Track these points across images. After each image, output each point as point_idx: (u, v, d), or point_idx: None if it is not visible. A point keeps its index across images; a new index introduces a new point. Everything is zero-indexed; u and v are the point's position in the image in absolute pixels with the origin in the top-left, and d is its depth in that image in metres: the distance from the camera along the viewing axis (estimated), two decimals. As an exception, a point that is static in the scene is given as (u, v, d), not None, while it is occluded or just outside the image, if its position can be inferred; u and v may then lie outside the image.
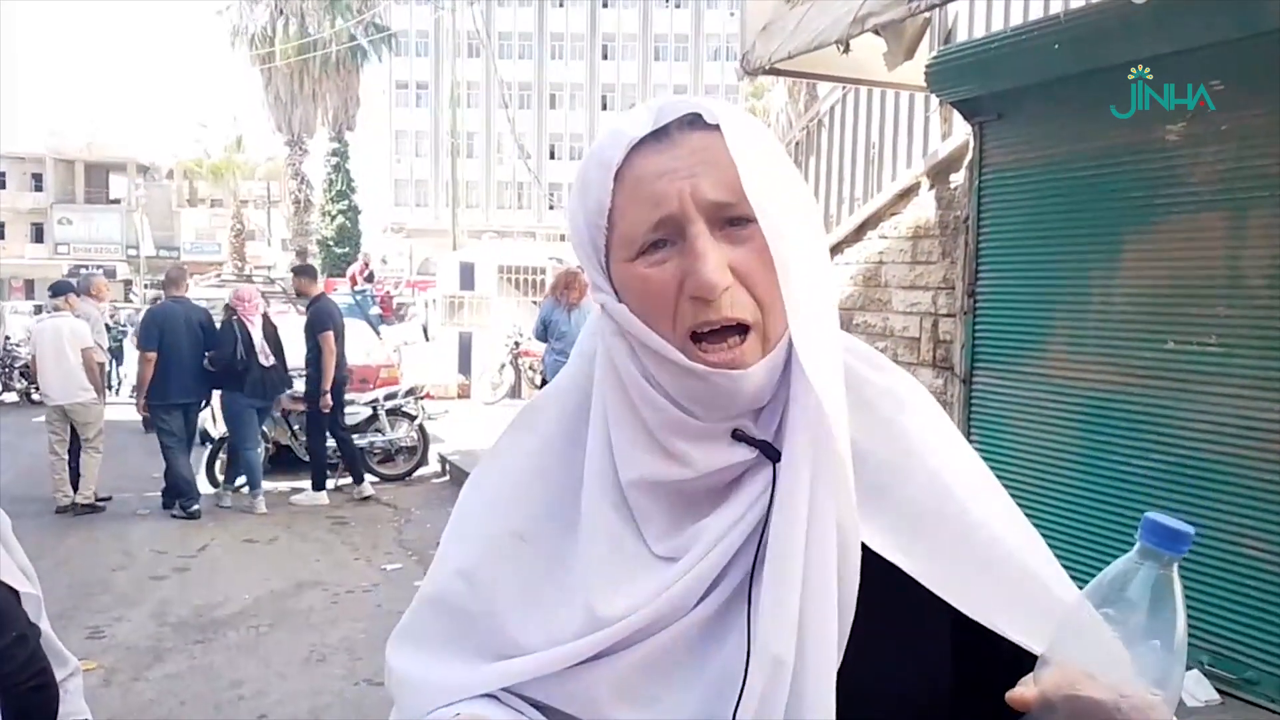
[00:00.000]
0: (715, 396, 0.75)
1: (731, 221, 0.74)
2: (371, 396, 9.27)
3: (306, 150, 31.41)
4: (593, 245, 0.79)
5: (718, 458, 0.76)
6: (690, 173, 0.74)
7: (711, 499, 0.77)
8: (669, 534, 0.78)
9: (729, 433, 0.76)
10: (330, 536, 7.33)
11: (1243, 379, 3.79)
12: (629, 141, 0.76)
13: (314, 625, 5.35)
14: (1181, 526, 0.64)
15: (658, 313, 0.75)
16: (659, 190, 0.74)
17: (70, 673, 1.53)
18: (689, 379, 0.74)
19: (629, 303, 0.77)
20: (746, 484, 0.77)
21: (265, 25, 29.36)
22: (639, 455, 0.78)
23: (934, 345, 5.69)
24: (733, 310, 0.73)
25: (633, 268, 0.76)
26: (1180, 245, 4.05)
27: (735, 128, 0.75)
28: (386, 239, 47.07)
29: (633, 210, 0.75)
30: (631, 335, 0.77)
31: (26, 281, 40.95)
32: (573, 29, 53.67)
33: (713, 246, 0.73)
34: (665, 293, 0.74)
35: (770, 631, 0.71)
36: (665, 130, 0.76)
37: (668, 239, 0.75)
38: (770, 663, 0.71)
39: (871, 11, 4.53)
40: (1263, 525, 3.72)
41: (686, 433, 0.76)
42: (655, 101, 0.79)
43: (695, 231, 0.73)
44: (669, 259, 0.75)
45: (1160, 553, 0.64)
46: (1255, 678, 3.74)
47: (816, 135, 7.37)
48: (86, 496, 7.89)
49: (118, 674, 4.63)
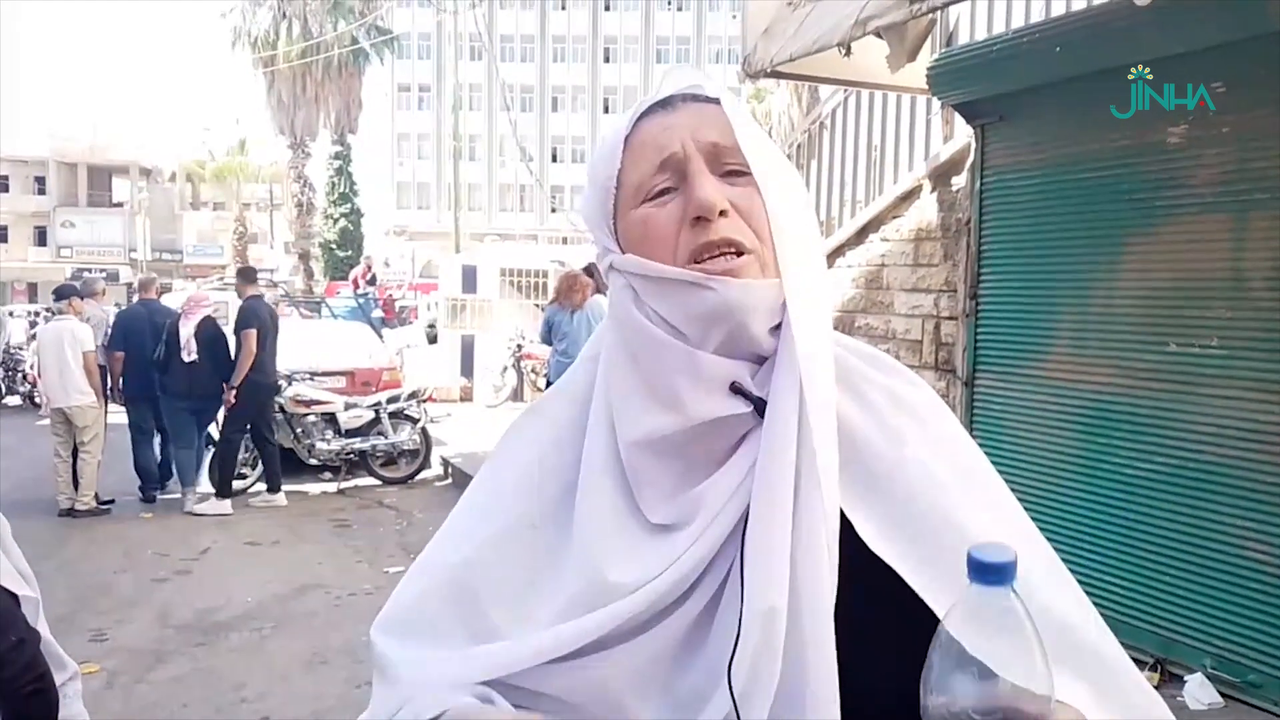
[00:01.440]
0: (714, 310, 0.75)
1: (729, 171, 0.79)
2: (374, 400, 9.28)
3: (309, 153, 31.38)
4: (603, 211, 0.84)
5: (714, 406, 0.76)
6: (690, 125, 0.81)
7: (709, 464, 0.78)
8: (666, 500, 0.78)
9: (727, 384, 0.77)
10: (333, 539, 7.33)
11: (1245, 381, 3.79)
12: (637, 110, 0.84)
13: (316, 628, 5.35)
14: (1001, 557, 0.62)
15: (659, 246, 0.78)
16: (661, 139, 0.81)
17: (69, 676, 1.53)
18: (688, 294, 0.76)
19: (633, 249, 0.80)
20: (744, 448, 0.78)
21: (268, 28, 29.33)
22: (637, 413, 0.78)
23: (936, 348, 5.69)
24: (730, 233, 0.77)
25: (638, 212, 0.81)
26: (1182, 247, 4.05)
27: (734, 101, 0.82)
28: (389, 242, 47.07)
29: (639, 163, 0.81)
30: (634, 275, 0.80)
31: (30, 285, 40.98)
32: (575, 31, 53.70)
33: (711, 178, 0.78)
34: (666, 227, 0.79)
35: (760, 584, 0.71)
36: (669, 100, 0.83)
37: (671, 185, 0.80)
38: (764, 614, 0.71)
39: (873, 14, 4.52)
40: (1265, 528, 3.72)
41: (684, 369, 0.77)
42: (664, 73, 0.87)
43: (695, 168, 0.79)
44: (671, 200, 0.79)
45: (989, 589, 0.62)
46: (1258, 681, 3.73)
47: (818, 138, 7.37)
48: (85, 501, 7.89)
49: (120, 677, 4.63)
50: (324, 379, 9.65)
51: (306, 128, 30.21)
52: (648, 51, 53.65)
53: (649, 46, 53.66)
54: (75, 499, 7.89)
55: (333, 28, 28.71)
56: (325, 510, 8.26)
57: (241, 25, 29.62)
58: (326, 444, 9.04)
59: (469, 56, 37.82)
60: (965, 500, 0.79)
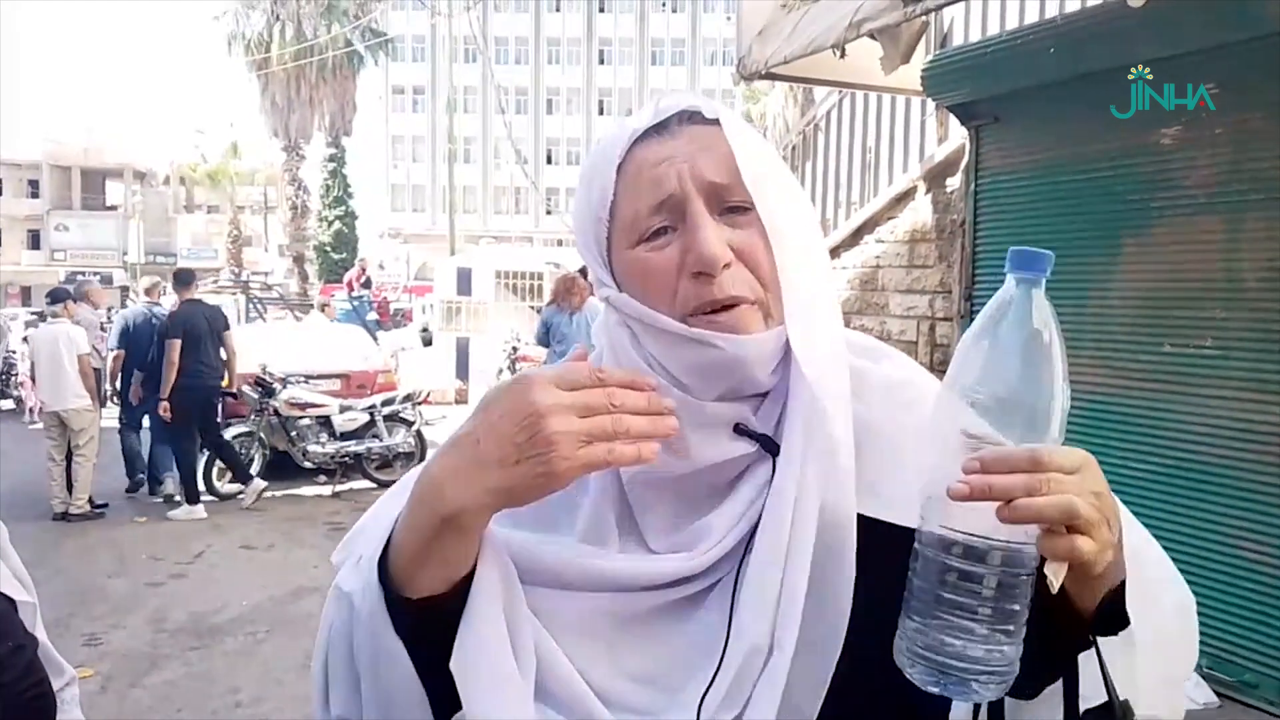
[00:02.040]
0: (717, 365, 0.74)
1: (730, 209, 0.76)
2: (369, 402, 9.26)
3: (303, 156, 31.36)
4: (595, 240, 0.80)
5: (718, 450, 0.76)
6: (689, 157, 0.76)
7: (712, 496, 0.77)
8: (669, 531, 0.78)
9: (730, 425, 0.76)
10: (327, 542, 7.31)
11: (1239, 382, 3.80)
12: (631, 134, 0.79)
13: (312, 632, 5.25)
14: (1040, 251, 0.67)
15: (658, 294, 0.76)
16: (658, 174, 0.76)
17: (66, 682, 1.52)
18: (690, 349, 0.75)
19: (631, 290, 0.77)
20: (747, 480, 0.77)
21: (262, 31, 29.32)
22: None
23: (931, 349, 5.70)
24: (734, 288, 0.74)
25: (634, 253, 0.77)
26: (1176, 249, 4.06)
27: (733, 122, 0.77)
28: (384, 244, 47.08)
29: (633, 198, 0.77)
30: (633, 319, 0.77)
31: (23, 288, 40.90)
32: (569, 34, 53.75)
33: (712, 225, 0.75)
34: (666, 273, 0.75)
35: (748, 620, 0.72)
36: (665, 124, 0.79)
37: (669, 225, 0.76)
38: (746, 648, 0.72)
39: (867, 16, 4.53)
40: (1260, 528, 3.73)
41: (688, 419, 0.75)
42: (656, 98, 0.82)
43: (695, 210, 0.75)
44: (670, 243, 0.76)
45: (1028, 276, 0.68)
46: (1254, 680, 3.73)
47: (813, 139, 7.38)
48: (80, 504, 7.87)
49: (114, 681, 4.61)
50: (319, 382, 9.63)
51: (301, 130, 30.20)
52: (642, 53, 53.71)
53: (644, 49, 53.73)
54: (69, 503, 7.86)
55: (327, 30, 28.71)
56: (320, 514, 8.24)
57: (235, 28, 29.61)
58: (321, 447, 9.02)
59: (463, 59, 37.82)
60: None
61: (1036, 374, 0.68)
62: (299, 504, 8.65)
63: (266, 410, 8.85)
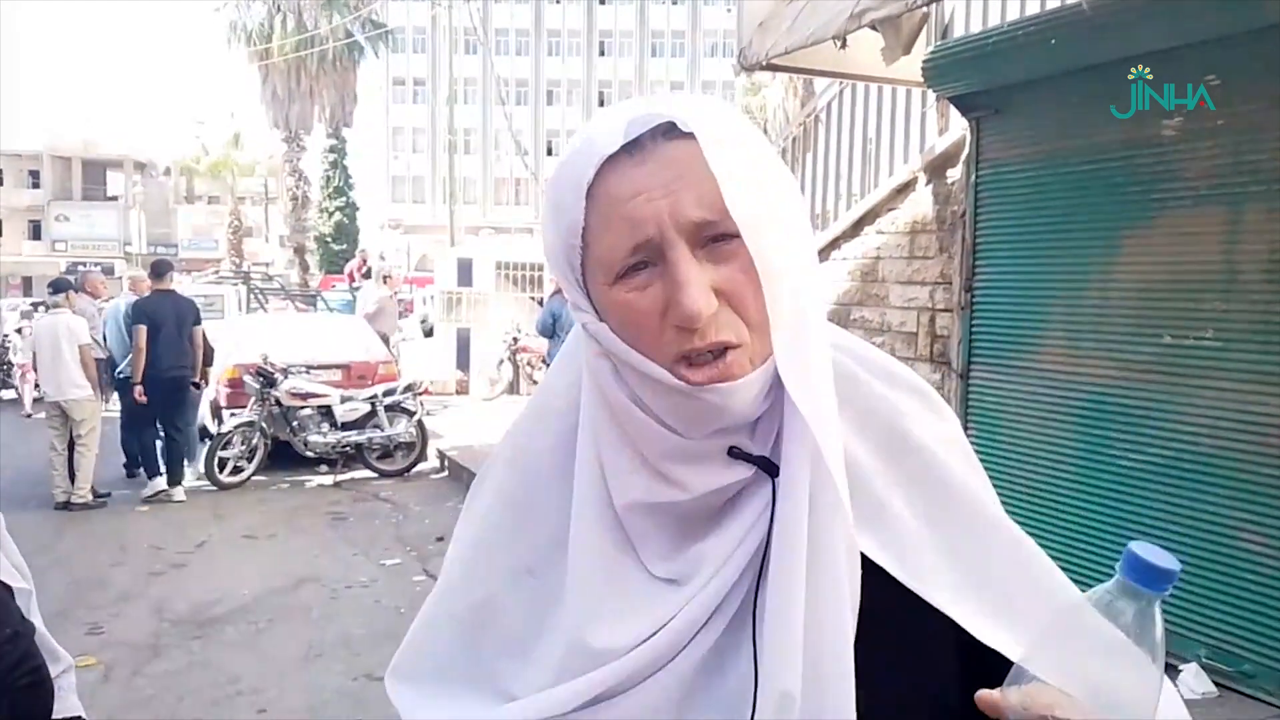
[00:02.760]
0: (703, 414, 0.71)
1: (715, 239, 0.70)
2: (370, 392, 9.27)
3: (304, 147, 31.29)
4: (569, 264, 0.74)
5: (714, 478, 0.73)
6: (667, 190, 0.69)
7: (710, 519, 0.75)
8: (668, 556, 0.75)
9: (724, 450, 0.73)
10: (329, 532, 7.33)
11: (1239, 373, 3.80)
12: (599, 158, 0.70)
13: (312, 621, 5.35)
14: (1167, 564, 0.59)
15: (642, 337, 0.71)
16: (634, 212, 0.69)
17: (64, 669, 1.52)
18: (676, 397, 0.71)
19: (612, 325, 0.73)
20: (746, 502, 0.74)
21: (262, 21, 29.22)
22: (632, 479, 0.75)
23: (931, 340, 5.70)
24: (718, 334, 0.70)
25: (613, 293, 0.72)
26: (1177, 240, 4.06)
27: (712, 136, 0.69)
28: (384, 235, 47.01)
29: (608, 233, 0.71)
30: (615, 356, 0.73)
31: (24, 279, 40.88)
32: (570, 25, 53.61)
33: (695, 271, 0.68)
34: (649, 319, 0.70)
35: (776, 665, 0.68)
36: (638, 142, 0.70)
37: (648, 260, 0.70)
38: (777, 698, 0.68)
39: (868, 7, 4.53)
40: (1260, 519, 3.73)
41: (679, 456, 0.73)
42: (626, 110, 0.73)
43: (675, 256, 0.69)
44: (650, 283, 0.70)
45: (1141, 591, 0.60)
46: (1252, 671, 3.75)
47: (814, 131, 7.37)
48: (82, 494, 7.89)
49: (116, 670, 4.63)
50: (320, 372, 9.64)
51: (301, 121, 30.12)
52: (643, 45, 53.59)
53: (644, 40, 53.60)
54: (71, 492, 7.88)
55: (327, 21, 28.61)
56: (321, 503, 8.26)
57: (236, 19, 29.50)
58: (322, 437, 9.04)
59: (464, 50, 37.70)
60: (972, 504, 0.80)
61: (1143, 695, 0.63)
62: (300, 494, 8.67)
63: (268, 400, 8.87)
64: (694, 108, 0.71)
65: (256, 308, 16.65)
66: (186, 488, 8.32)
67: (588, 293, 0.74)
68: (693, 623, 0.72)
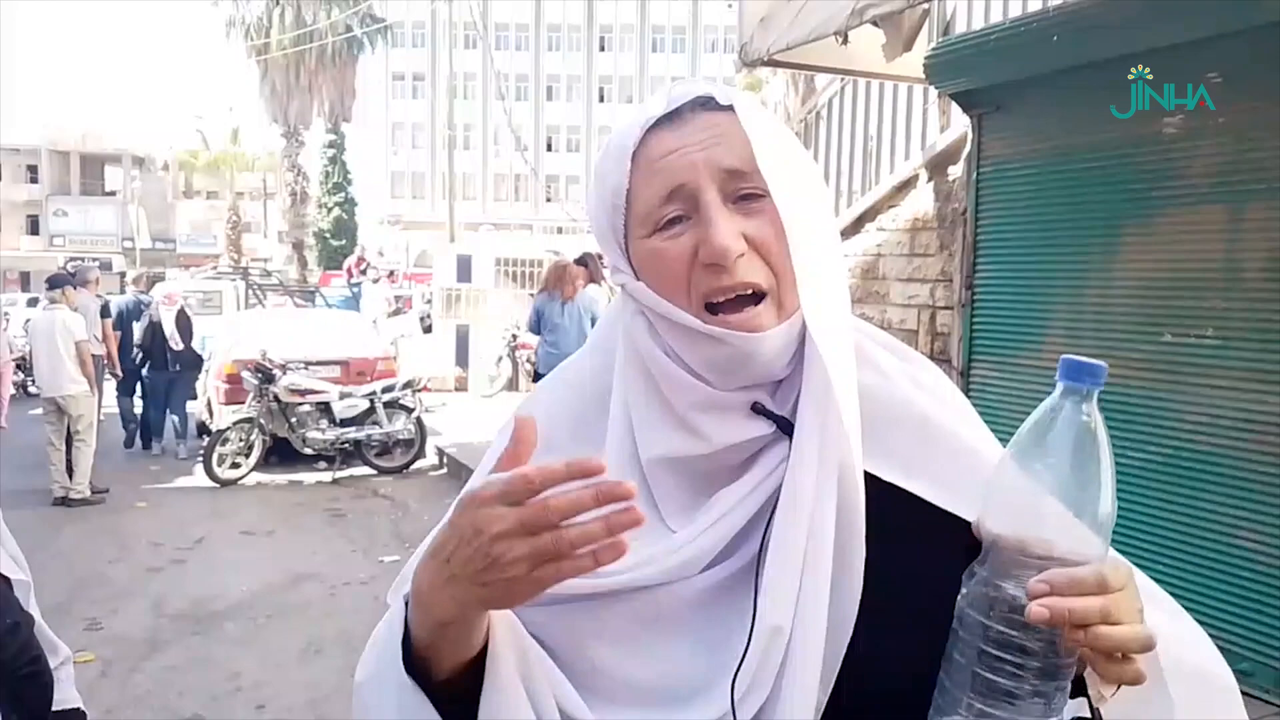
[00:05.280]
0: (732, 361, 0.76)
1: (744, 196, 0.76)
2: (369, 389, 9.27)
3: (303, 142, 31.31)
4: (611, 228, 0.81)
5: (736, 431, 0.77)
6: (703, 146, 0.76)
7: (728, 475, 0.79)
8: (686, 509, 0.79)
9: (747, 406, 0.78)
10: (328, 529, 7.33)
11: (1239, 371, 3.80)
12: (644, 123, 0.79)
13: (311, 617, 5.35)
14: (1094, 361, 0.66)
15: (673, 283, 0.77)
16: (672, 164, 0.77)
17: (62, 661, 1.53)
18: (706, 344, 0.76)
19: (647, 279, 0.79)
20: (762, 459, 0.78)
21: (261, 16, 29.22)
22: (659, 433, 0.79)
23: (931, 338, 5.70)
24: (747, 275, 0.75)
25: (649, 243, 0.78)
26: (1177, 238, 4.06)
27: (748, 107, 0.78)
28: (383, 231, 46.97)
29: (648, 187, 0.78)
30: (650, 309, 0.79)
31: (22, 274, 40.84)
32: (570, 20, 53.55)
33: (725, 215, 0.75)
34: (680, 263, 0.76)
35: (771, 603, 0.73)
36: (678, 112, 0.79)
37: (683, 214, 0.77)
38: (769, 631, 0.73)
39: (870, 3, 4.52)
40: (1258, 517, 3.73)
41: (705, 405, 0.77)
42: (670, 85, 0.81)
43: (708, 200, 0.75)
44: (684, 232, 0.76)
45: (1078, 387, 0.66)
46: (1250, 669, 3.75)
47: (815, 127, 7.36)
48: (80, 489, 7.88)
49: (115, 665, 4.63)
50: (318, 368, 9.64)
51: (300, 116, 30.13)
52: (643, 40, 53.54)
53: (644, 35, 53.55)
54: (70, 488, 7.88)
55: (326, 16, 28.59)
56: (320, 500, 8.26)
57: (235, 13, 29.51)
58: (321, 433, 9.04)
59: (464, 45, 37.65)
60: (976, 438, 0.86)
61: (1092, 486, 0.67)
62: (299, 490, 8.67)
63: (266, 396, 8.87)
64: (731, 89, 0.81)
65: (255, 303, 16.64)
66: (186, 485, 8.31)
67: (629, 257, 0.81)
68: (694, 560, 0.76)
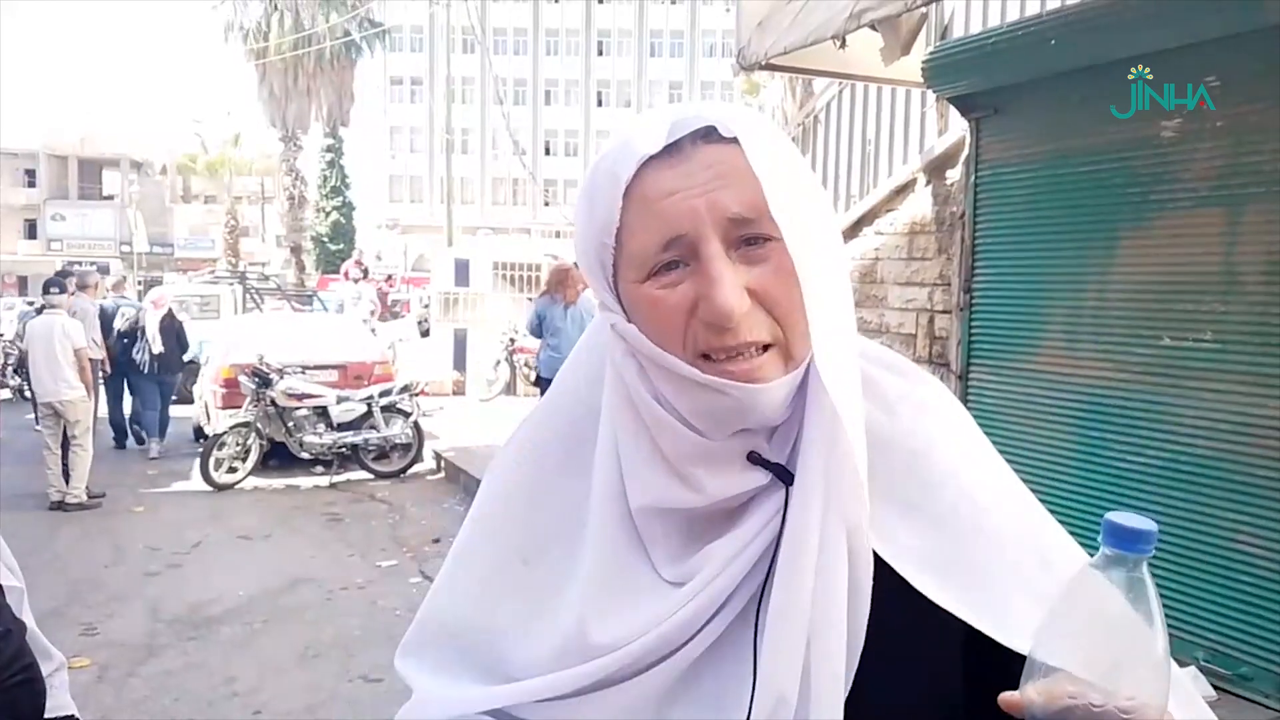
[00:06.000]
0: (730, 412, 0.71)
1: (748, 241, 0.70)
2: (366, 393, 9.25)
3: (301, 146, 31.27)
4: (600, 263, 0.75)
5: (732, 483, 0.74)
6: (705, 189, 0.70)
7: (722, 522, 0.75)
8: (678, 558, 0.75)
9: (743, 455, 0.73)
10: (325, 533, 7.31)
11: (1238, 375, 3.80)
12: (640, 158, 0.71)
13: (308, 622, 5.33)
14: (1142, 525, 0.61)
15: (670, 334, 0.72)
16: (670, 209, 0.70)
17: (55, 667, 1.52)
18: (703, 395, 0.71)
19: (639, 324, 0.73)
20: (757, 507, 0.74)
21: (259, 20, 29.20)
22: (650, 479, 0.75)
23: (930, 341, 5.69)
24: (750, 334, 0.70)
25: (642, 289, 0.72)
26: (1176, 241, 4.05)
27: (755, 140, 0.70)
28: (381, 235, 47.00)
29: (642, 230, 0.71)
30: (642, 355, 0.74)
31: (20, 278, 40.81)
32: (568, 24, 53.61)
33: (729, 268, 0.69)
34: (677, 314, 0.71)
35: (774, 668, 0.69)
36: (677, 145, 0.71)
37: (680, 259, 0.71)
38: (774, 701, 0.69)
39: (868, 6, 4.52)
40: (1258, 521, 3.73)
41: (699, 457, 0.73)
42: (668, 113, 0.73)
43: (710, 253, 0.69)
44: (681, 280, 0.71)
45: (1125, 556, 0.62)
46: (1250, 674, 3.74)
47: (813, 131, 7.37)
48: (76, 494, 7.86)
49: (111, 670, 4.61)
50: (316, 372, 9.62)
51: (298, 120, 30.10)
52: (641, 45, 53.60)
53: (642, 39, 53.62)
54: (66, 492, 7.85)
55: (325, 20, 28.59)
56: (317, 504, 8.24)
57: (233, 17, 29.48)
58: (318, 438, 9.02)
59: (462, 49, 37.72)
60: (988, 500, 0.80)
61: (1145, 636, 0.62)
62: (296, 495, 8.65)
63: (263, 401, 8.85)
64: (734, 113, 0.72)
65: (253, 308, 16.64)
66: (183, 490, 8.30)
67: (617, 293, 0.75)
68: (693, 620, 0.72)
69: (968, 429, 0.85)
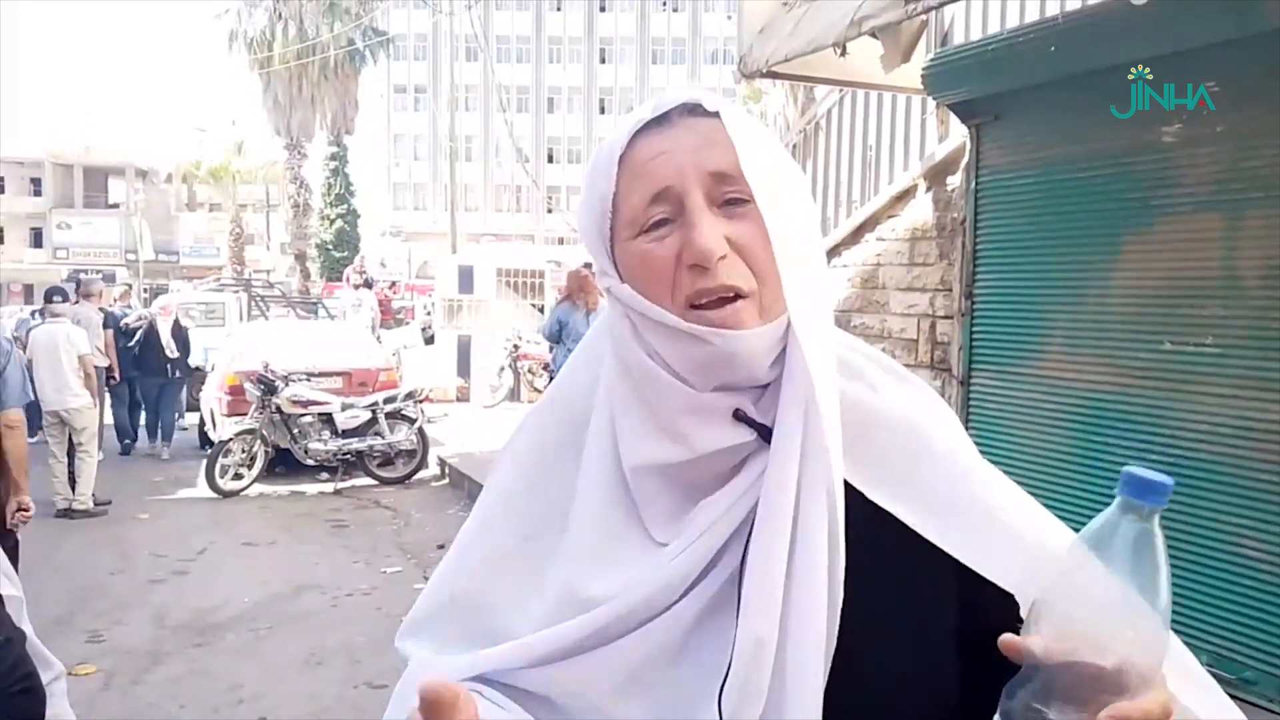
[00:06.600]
0: (714, 360, 0.75)
1: (729, 201, 0.77)
2: (371, 400, 9.28)
3: (305, 154, 31.35)
4: (599, 232, 0.81)
5: (718, 438, 0.77)
6: (688, 149, 0.77)
7: (713, 485, 0.78)
8: (670, 520, 0.78)
9: (729, 412, 0.77)
10: (329, 539, 7.33)
11: (1239, 380, 3.80)
12: (631, 127, 0.80)
13: (313, 628, 5.35)
14: (1159, 478, 0.64)
15: (657, 285, 0.77)
16: (658, 167, 0.77)
17: (55, 676, 1.53)
18: (688, 343, 0.76)
19: (632, 282, 0.79)
20: (746, 469, 0.77)
21: (264, 29, 29.31)
22: (642, 440, 0.79)
23: (931, 347, 5.70)
24: (729, 278, 0.75)
25: (634, 244, 0.78)
26: (1176, 246, 4.06)
27: (734, 114, 0.78)
28: (385, 242, 47.07)
29: (634, 190, 0.78)
30: (634, 311, 0.78)
31: (25, 286, 40.89)
32: (570, 32, 53.71)
33: (709, 217, 0.75)
34: (664, 265, 0.76)
35: (752, 614, 0.72)
36: (666, 116, 0.80)
37: (668, 217, 0.77)
38: (752, 643, 0.71)
39: (868, 14, 4.54)
40: (1260, 526, 3.73)
41: (687, 409, 0.77)
42: (658, 94, 0.83)
43: (692, 204, 0.76)
44: (669, 234, 0.77)
45: (1139, 504, 0.64)
46: (1254, 678, 3.74)
47: (814, 138, 7.38)
48: (83, 501, 7.88)
49: (116, 678, 4.63)
50: (321, 379, 9.65)
51: (303, 129, 30.19)
52: (643, 52, 53.66)
53: (644, 47, 53.67)
54: (72, 499, 7.88)
55: (329, 29, 28.67)
56: (322, 510, 8.26)
57: (237, 26, 29.60)
58: (323, 444, 9.04)
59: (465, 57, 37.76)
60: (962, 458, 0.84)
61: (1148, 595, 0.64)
62: (301, 501, 8.68)
63: (268, 407, 8.87)
64: (717, 96, 0.81)
65: (257, 315, 16.67)
66: (188, 496, 8.32)
67: (615, 261, 0.81)
68: (680, 577, 0.75)
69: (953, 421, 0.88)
